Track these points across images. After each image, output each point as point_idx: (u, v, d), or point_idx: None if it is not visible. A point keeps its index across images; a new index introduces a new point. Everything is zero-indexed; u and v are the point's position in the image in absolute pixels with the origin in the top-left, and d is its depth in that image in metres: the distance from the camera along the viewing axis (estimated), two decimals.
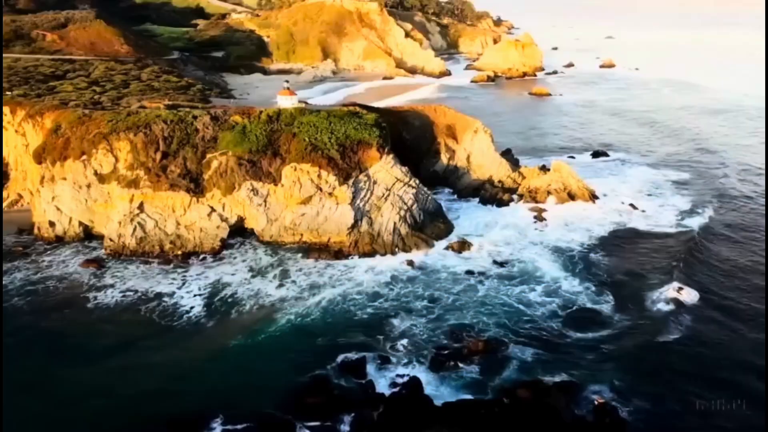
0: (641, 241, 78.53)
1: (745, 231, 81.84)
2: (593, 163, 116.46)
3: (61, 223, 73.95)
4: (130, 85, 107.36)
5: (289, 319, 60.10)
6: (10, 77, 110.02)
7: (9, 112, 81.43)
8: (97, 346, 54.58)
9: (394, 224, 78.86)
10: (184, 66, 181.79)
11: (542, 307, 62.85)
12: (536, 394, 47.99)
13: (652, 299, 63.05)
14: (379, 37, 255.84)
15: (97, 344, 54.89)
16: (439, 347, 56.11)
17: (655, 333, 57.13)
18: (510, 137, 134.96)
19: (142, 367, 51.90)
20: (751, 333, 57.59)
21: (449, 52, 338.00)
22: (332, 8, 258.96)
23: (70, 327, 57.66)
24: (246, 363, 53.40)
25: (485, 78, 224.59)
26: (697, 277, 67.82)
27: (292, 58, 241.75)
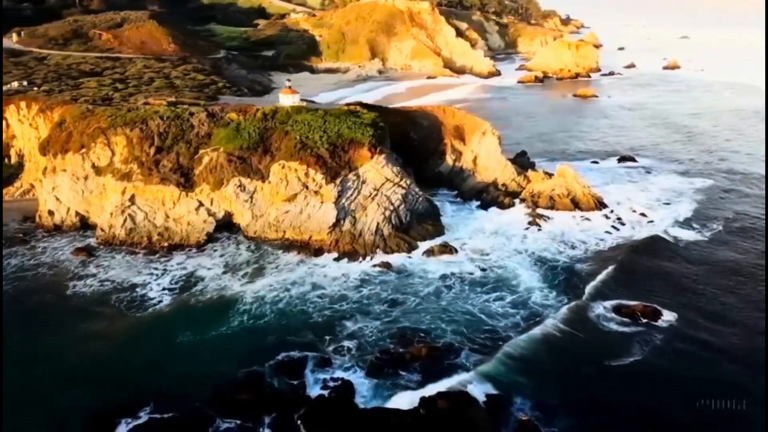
0: (634, 254, 74.67)
1: (746, 253, 75.82)
2: (616, 168, 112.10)
3: (60, 212, 78.43)
4: (154, 82, 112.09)
5: (246, 315, 61.07)
6: (49, 74, 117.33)
7: (25, 106, 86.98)
8: (60, 331, 57.53)
9: (378, 224, 78.89)
10: (228, 65, 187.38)
11: (505, 318, 61.00)
12: (457, 406, 46.97)
13: (620, 319, 59.76)
14: (429, 37, 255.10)
15: (60, 329, 57.85)
16: (383, 351, 55.67)
17: (610, 355, 53.94)
18: (535, 140, 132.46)
19: (93, 354, 54.20)
20: (720, 367, 53.13)
21: (507, 51, 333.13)
22: (384, 8, 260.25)
23: (43, 312, 60.86)
24: (191, 356, 54.74)
25: (533, 79, 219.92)
26: (678, 299, 63.72)
27: (342, 57, 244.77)
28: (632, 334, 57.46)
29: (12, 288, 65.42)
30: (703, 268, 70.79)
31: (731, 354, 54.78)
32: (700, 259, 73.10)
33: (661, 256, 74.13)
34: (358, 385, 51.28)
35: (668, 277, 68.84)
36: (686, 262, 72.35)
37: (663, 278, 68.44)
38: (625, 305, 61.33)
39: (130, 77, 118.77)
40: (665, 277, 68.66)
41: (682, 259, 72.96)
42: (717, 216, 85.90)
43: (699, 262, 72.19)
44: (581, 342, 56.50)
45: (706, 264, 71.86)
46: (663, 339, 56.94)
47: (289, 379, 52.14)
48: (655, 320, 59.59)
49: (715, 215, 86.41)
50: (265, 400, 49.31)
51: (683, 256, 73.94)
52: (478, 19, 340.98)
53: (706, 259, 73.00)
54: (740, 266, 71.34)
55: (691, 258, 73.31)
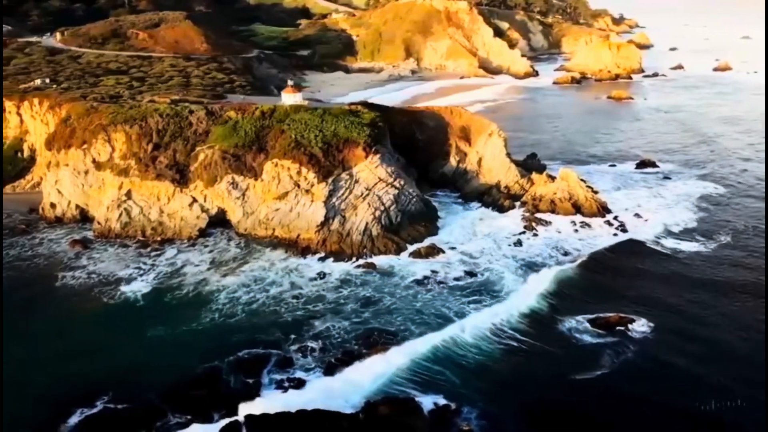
0: (624, 264, 71.88)
1: (743, 269, 71.15)
2: (632, 173, 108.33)
3: (61, 205, 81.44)
4: (171, 80, 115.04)
5: (218, 313, 61.76)
6: (75, 71, 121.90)
7: (38, 103, 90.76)
8: (36, 320, 59.61)
9: (366, 225, 78.73)
10: (259, 64, 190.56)
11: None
12: (399, 412, 46.41)
13: (594, 330, 57.46)
14: (466, 36, 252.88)
15: (37, 318, 59.98)
16: (346, 353, 55.48)
17: (576, 368, 51.96)
18: (555, 142, 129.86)
19: (62, 344, 55.78)
20: (691, 382, 50.62)
21: (550, 52, 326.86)
22: (421, 7, 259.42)
23: (28, 301, 63.12)
24: (157, 349, 55.72)
25: (569, 80, 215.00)
26: (659, 311, 60.79)
27: (377, 57, 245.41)
28: (603, 346, 55.24)
29: (6, 278, 68.15)
30: (693, 281, 67.31)
31: (704, 369, 52.09)
32: (693, 271, 69.51)
33: (652, 267, 71.11)
34: (311, 385, 51.23)
35: (655, 288, 65.84)
36: (678, 274, 69.00)
37: (649, 289, 65.55)
38: (602, 316, 59.10)
39: (151, 75, 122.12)
40: (651, 288, 65.72)
41: (674, 271, 69.65)
42: (723, 227, 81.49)
43: (691, 275, 68.66)
44: (548, 353, 54.59)
45: (698, 277, 68.26)
46: (635, 351, 54.65)
47: (246, 377, 52.39)
48: (631, 332, 57.38)
49: (721, 226, 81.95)
50: (218, 396, 49.72)
51: (676, 267, 70.61)
52: (521, 18, 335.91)
53: (698, 272, 69.34)
54: (733, 282, 67.08)
55: (684, 270, 69.85)
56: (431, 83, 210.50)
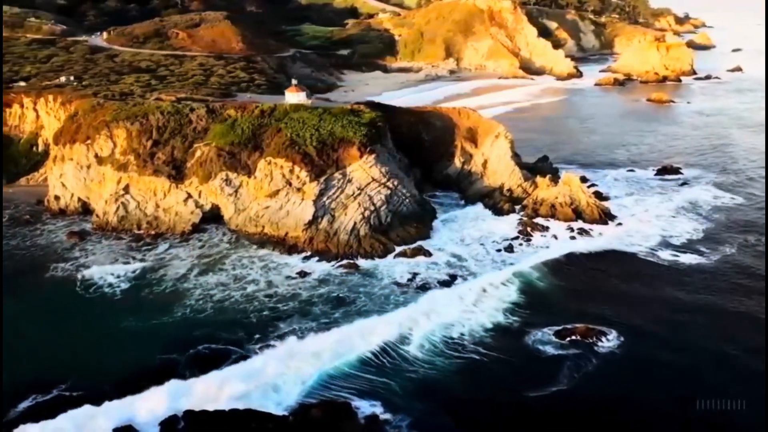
0: (611, 273, 68.72)
1: (740, 278, 67.48)
2: (650, 179, 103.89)
3: (65, 197, 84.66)
4: (192, 78, 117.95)
5: (189, 309, 62.32)
6: (104, 69, 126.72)
7: (52, 99, 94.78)
8: (14, 307, 61.00)
9: (354, 224, 78.42)
10: (293, 63, 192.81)
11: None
12: (331, 417, 45.88)
13: (559, 342, 55.03)
14: (508, 36, 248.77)
15: (16, 305, 61.53)
16: None
17: (531, 382, 49.80)
18: (576, 145, 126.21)
19: (33, 332, 57.56)
20: (654, 397, 48.19)
21: (601, 52, 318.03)
22: (464, 7, 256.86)
23: (14, 288, 65.32)
24: (124, 341, 56.46)
25: (611, 81, 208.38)
26: (635, 323, 57.87)
27: (417, 56, 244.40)
28: (564, 359, 52.84)
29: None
30: (680, 297, 63.29)
31: (668, 393, 49.11)
32: (683, 287, 65.25)
33: (639, 278, 67.55)
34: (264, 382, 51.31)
35: (636, 301, 62.50)
36: (666, 287, 65.08)
37: (629, 302, 62.25)
38: (568, 328, 56.75)
39: (176, 74, 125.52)
40: (632, 301, 62.38)
41: (662, 285, 65.79)
42: (728, 241, 76.39)
43: (680, 290, 64.54)
44: (505, 365, 52.52)
45: (687, 293, 64.06)
46: (598, 366, 52.07)
47: (200, 372, 52.96)
48: (598, 344, 54.92)
49: (727, 240, 76.85)
50: (166, 391, 50.39)
51: (665, 281, 66.72)
52: (572, 18, 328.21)
53: (689, 288, 65.06)
54: (723, 303, 61.97)
55: (674, 284, 65.75)
56: (468, 83, 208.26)
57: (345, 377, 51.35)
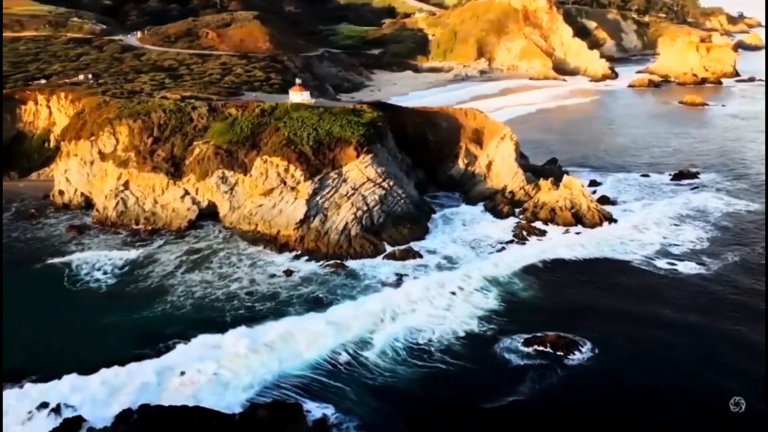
0: (601, 280, 66.24)
1: (737, 294, 63.48)
2: (664, 184, 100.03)
3: (68, 192, 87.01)
4: (206, 77, 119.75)
5: (170, 305, 62.88)
6: (125, 68, 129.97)
7: (64, 96, 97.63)
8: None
9: (346, 224, 78.09)
10: (320, 63, 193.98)
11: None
12: (278, 418, 45.51)
13: (526, 351, 53.26)
14: (543, 36, 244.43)
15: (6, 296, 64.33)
16: None
17: (486, 390, 48.44)
18: (593, 147, 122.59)
19: (14, 323, 58.67)
20: (616, 413, 46.39)
21: (643, 52, 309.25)
22: (499, 6, 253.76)
23: (8, 281, 67.74)
24: (98, 335, 57.32)
25: (645, 83, 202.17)
26: (611, 334, 55.46)
27: (449, 56, 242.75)
28: (528, 369, 51.13)
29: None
30: (669, 310, 60.17)
31: (634, 412, 47.28)
32: (674, 298, 62.08)
33: (629, 287, 64.88)
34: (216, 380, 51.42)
35: (619, 311, 59.73)
36: (655, 298, 62.20)
37: (612, 312, 59.62)
38: (538, 336, 55.03)
39: (195, 73, 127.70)
40: (615, 311, 59.70)
41: (652, 295, 63.00)
42: (733, 252, 72.33)
43: (669, 302, 61.45)
44: (465, 373, 51.09)
45: (676, 306, 60.89)
46: (562, 378, 50.19)
47: (163, 367, 53.45)
48: (568, 354, 53.06)
49: (732, 250, 72.75)
50: (120, 384, 50.79)
51: (655, 291, 63.85)
52: (614, 17, 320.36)
53: (679, 300, 61.82)
54: (714, 322, 58.06)
55: (664, 295, 62.73)
56: (497, 83, 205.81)
57: (301, 379, 50.94)
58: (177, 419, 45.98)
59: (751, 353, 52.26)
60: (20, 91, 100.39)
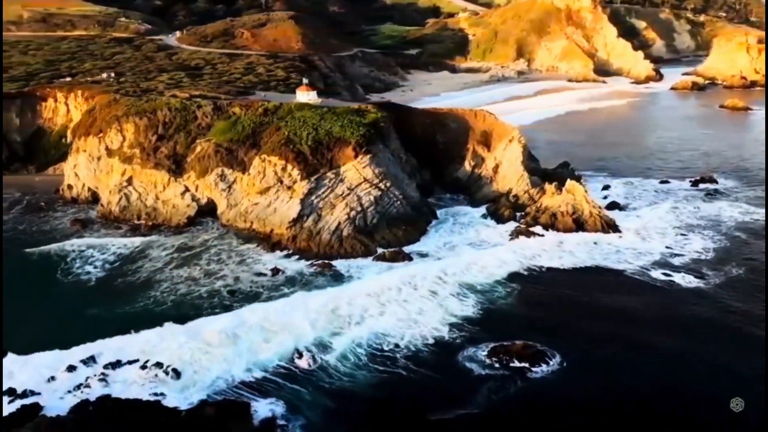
0: (587, 290, 63.76)
1: (734, 315, 59.18)
2: (681, 191, 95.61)
3: (77, 187, 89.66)
4: (225, 76, 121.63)
5: (152, 300, 63.86)
6: (151, 66, 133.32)
7: (80, 94, 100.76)
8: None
9: (339, 224, 77.68)
10: (352, 62, 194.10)
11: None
12: (225, 415, 45.62)
13: (489, 361, 51.42)
14: (585, 36, 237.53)
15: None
16: None
17: (440, 400, 47.17)
18: (615, 152, 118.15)
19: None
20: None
21: (696, 53, 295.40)
22: (541, 6, 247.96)
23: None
24: (76, 326, 58.37)
25: (689, 86, 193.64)
26: (589, 350, 53.07)
27: (488, 56, 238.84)
28: (489, 379, 49.44)
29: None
30: (653, 324, 57.57)
31: (598, 418, 45.16)
32: (662, 311, 59.62)
33: (616, 298, 62.34)
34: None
35: (600, 324, 57.30)
36: (640, 311, 59.58)
37: (592, 324, 57.29)
38: (505, 345, 53.12)
39: (220, 72, 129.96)
40: (595, 324, 57.30)
41: (638, 307, 60.35)
42: (739, 265, 68.21)
43: (656, 316, 58.93)
44: (425, 382, 49.73)
45: (663, 319, 58.23)
46: (521, 390, 48.35)
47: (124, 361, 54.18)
48: (533, 365, 51.05)
49: (737, 263, 68.68)
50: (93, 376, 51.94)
51: (642, 303, 61.12)
52: (666, 17, 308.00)
53: (667, 314, 59.24)
54: (700, 338, 55.19)
55: (651, 308, 60.20)
56: (533, 84, 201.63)
57: (258, 378, 50.72)
58: (127, 412, 46.69)
59: (732, 383, 48.40)
60: (41, 88, 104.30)
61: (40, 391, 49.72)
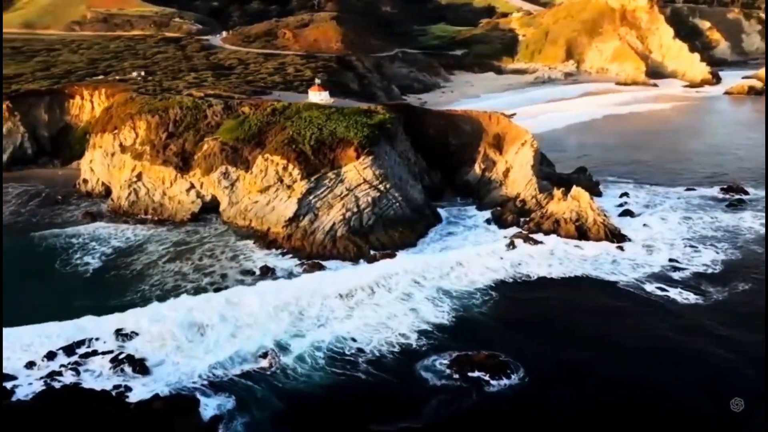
0: (575, 304, 60.66)
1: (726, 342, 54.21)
2: (705, 199, 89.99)
3: (91, 181, 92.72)
4: (250, 76, 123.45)
5: (138, 293, 64.92)
6: (183, 66, 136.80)
7: (103, 92, 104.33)
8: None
9: (333, 224, 77.31)
10: (391, 63, 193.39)
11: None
12: (172, 409, 45.94)
13: (447, 371, 49.73)
14: (640, 37, 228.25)
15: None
16: None
17: (386, 411, 45.77)
18: (643, 156, 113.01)
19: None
20: None
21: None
22: (595, 6, 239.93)
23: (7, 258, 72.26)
24: (53, 316, 59.78)
25: (745, 90, 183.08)
26: (557, 365, 50.53)
27: (536, 58, 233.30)
28: (444, 392, 47.71)
29: (13, 229, 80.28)
30: (635, 341, 53.97)
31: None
32: (647, 329, 55.84)
33: (599, 312, 58.95)
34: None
35: (576, 338, 54.29)
36: (626, 327, 56.12)
37: (567, 338, 54.35)
38: (470, 355, 51.22)
39: (249, 71, 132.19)
40: (571, 338, 54.29)
41: (623, 323, 56.80)
42: (746, 277, 63.58)
43: (640, 333, 55.25)
44: (379, 389, 48.51)
45: (647, 340, 54.34)
46: (474, 405, 46.18)
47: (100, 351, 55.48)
48: (493, 378, 48.96)
49: (745, 279, 63.77)
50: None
51: (630, 318, 57.48)
52: (734, 17, 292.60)
53: (653, 333, 55.32)
54: (683, 364, 51.16)
55: (638, 325, 56.50)
56: (579, 87, 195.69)
57: (215, 375, 50.69)
58: (79, 402, 47.70)
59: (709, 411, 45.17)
60: (69, 86, 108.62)
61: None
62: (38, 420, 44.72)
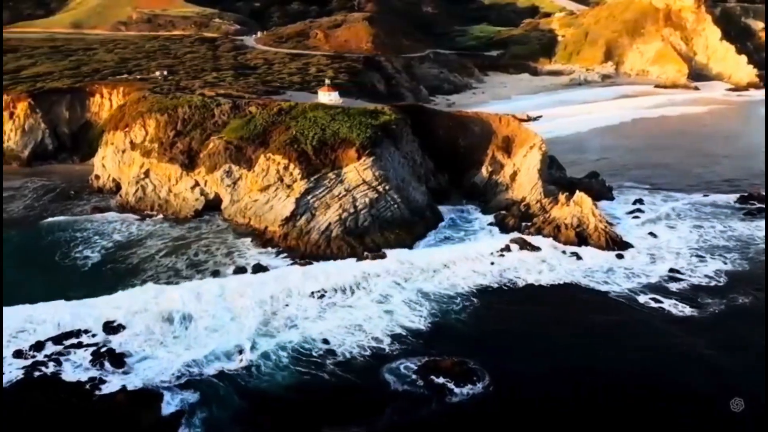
0: (559, 313, 58.17)
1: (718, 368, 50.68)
2: (719, 206, 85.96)
3: (103, 177, 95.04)
4: (269, 76, 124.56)
5: (129, 287, 65.17)
6: (208, 65, 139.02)
7: (121, 90, 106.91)
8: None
9: (329, 225, 77.01)
10: (420, 64, 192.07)
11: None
12: (134, 404, 46.72)
13: (412, 377, 48.53)
14: (684, 38, 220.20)
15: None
16: None
17: (342, 416, 44.93)
18: (662, 161, 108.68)
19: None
20: None
21: None
22: (638, 6, 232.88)
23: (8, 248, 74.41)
24: (54, 306, 62.30)
25: None
26: (527, 376, 48.70)
27: (574, 59, 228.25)
28: (404, 398, 46.45)
29: (25, 218, 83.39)
30: (612, 355, 51.50)
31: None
32: (625, 343, 53.18)
33: (583, 323, 56.40)
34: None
35: (548, 346, 52.42)
36: (610, 339, 53.44)
37: (541, 344, 52.57)
38: (437, 360, 49.96)
39: (271, 71, 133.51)
40: (544, 345, 52.53)
41: (600, 333, 54.38)
42: (750, 291, 59.96)
43: (625, 346, 52.65)
44: (340, 392, 47.70)
45: (621, 352, 51.89)
46: (432, 413, 44.76)
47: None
48: (458, 385, 47.58)
49: (749, 289, 60.25)
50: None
51: (615, 331, 54.75)
52: None
53: (638, 347, 52.56)
54: (664, 366, 49.47)
55: (623, 338, 53.80)
56: (615, 89, 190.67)
57: (188, 371, 50.89)
58: (48, 392, 48.87)
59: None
60: (90, 84, 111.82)
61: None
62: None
